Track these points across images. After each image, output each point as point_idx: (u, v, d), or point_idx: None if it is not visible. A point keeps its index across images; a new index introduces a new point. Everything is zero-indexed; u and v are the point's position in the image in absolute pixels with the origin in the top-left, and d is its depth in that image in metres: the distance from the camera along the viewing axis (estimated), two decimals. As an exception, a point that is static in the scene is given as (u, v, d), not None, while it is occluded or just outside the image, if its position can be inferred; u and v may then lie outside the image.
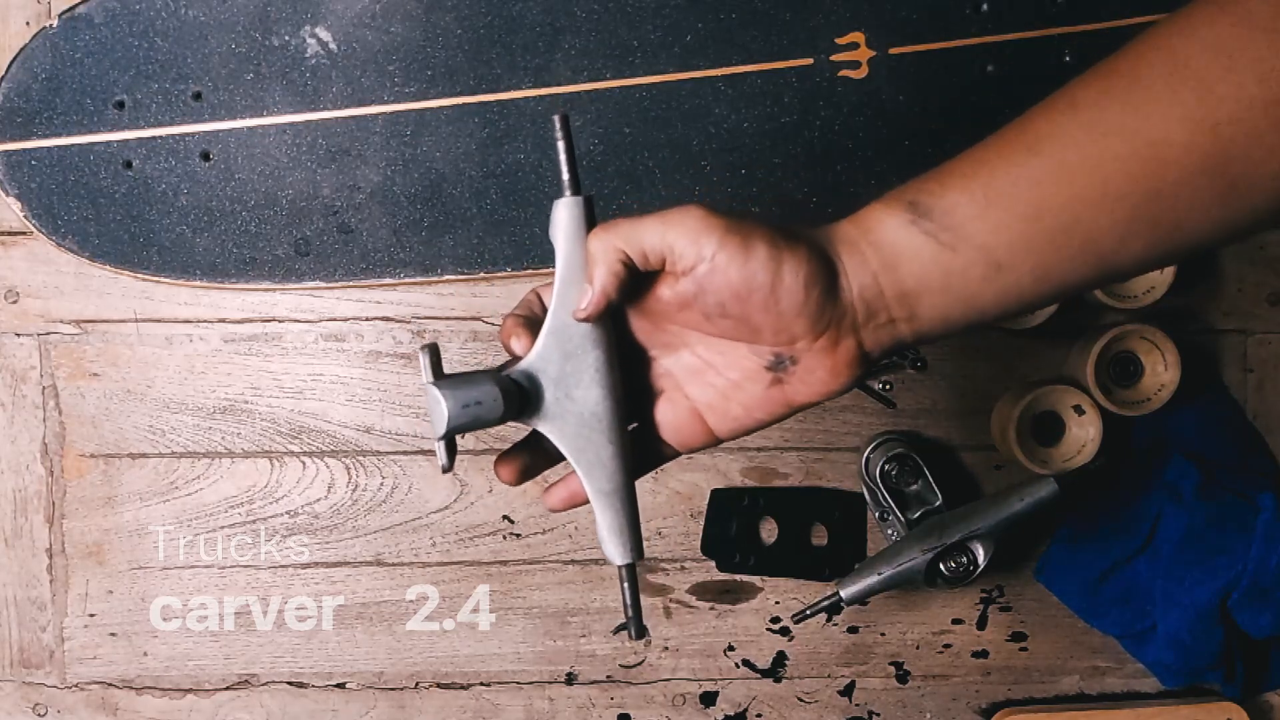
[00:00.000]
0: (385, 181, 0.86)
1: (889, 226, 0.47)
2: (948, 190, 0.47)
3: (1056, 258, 0.46)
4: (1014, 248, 0.46)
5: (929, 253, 0.47)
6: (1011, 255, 0.46)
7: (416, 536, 0.91)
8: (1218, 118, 0.43)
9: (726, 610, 0.91)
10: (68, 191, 0.86)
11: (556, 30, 0.85)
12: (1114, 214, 0.45)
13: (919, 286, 0.48)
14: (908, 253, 0.47)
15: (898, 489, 0.86)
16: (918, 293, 0.48)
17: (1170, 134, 0.44)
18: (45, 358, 0.89)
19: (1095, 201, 0.45)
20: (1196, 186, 0.45)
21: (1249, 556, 0.84)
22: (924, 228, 0.47)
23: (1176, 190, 0.45)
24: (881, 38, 0.85)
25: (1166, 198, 0.45)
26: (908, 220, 0.47)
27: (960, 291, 0.47)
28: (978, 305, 0.48)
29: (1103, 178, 0.45)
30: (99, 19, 0.85)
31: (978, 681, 0.92)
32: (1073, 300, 0.84)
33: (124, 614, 0.91)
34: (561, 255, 0.50)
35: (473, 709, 0.92)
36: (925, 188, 0.47)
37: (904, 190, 0.48)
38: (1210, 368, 0.90)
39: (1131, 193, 0.45)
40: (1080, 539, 0.89)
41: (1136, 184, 0.45)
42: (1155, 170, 0.45)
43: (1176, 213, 0.45)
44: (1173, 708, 0.89)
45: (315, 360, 0.90)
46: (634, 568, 0.53)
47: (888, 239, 0.47)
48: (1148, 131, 0.44)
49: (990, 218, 0.46)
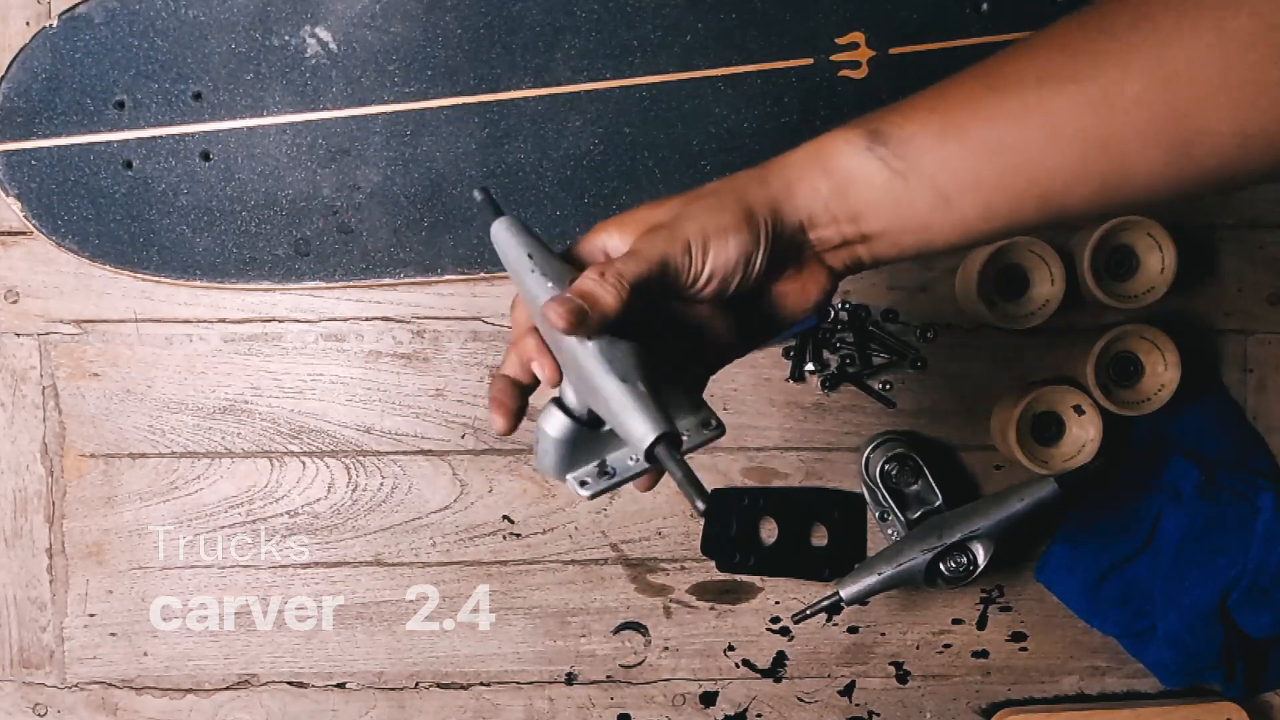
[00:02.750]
0: (385, 181, 0.86)
1: (845, 152, 0.49)
2: (908, 121, 0.49)
3: (1003, 195, 0.48)
4: (963, 182, 0.48)
5: (881, 179, 0.49)
6: (960, 189, 0.48)
7: (416, 536, 0.91)
8: (1173, 73, 0.44)
9: (726, 610, 0.91)
10: (68, 191, 0.86)
11: (556, 30, 0.85)
12: (1063, 157, 0.46)
13: (869, 211, 0.49)
14: (860, 177, 0.49)
15: (898, 489, 0.86)
16: (868, 217, 0.50)
17: (1126, 85, 0.45)
18: (45, 358, 0.89)
19: (1045, 143, 0.46)
20: (1146, 139, 0.45)
21: (1249, 556, 0.84)
22: (879, 154, 0.48)
23: (1125, 140, 0.45)
24: (881, 38, 0.85)
25: (1115, 146, 0.46)
26: (864, 146, 0.49)
27: (909, 220, 0.49)
28: (927, 236, 0.50)
29: (1055, 121, 0.46)
30: (99, 19, 0.85)
31: (978, 681, 0.92)
32: (1073, 300, 0.84)
33: (124, 614, 0.91)
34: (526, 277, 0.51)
35: (473, 709, 0.92)
36: (888, 118, 0.49)
37: (869, 117, 0.50)
38: (1210, 368, 0.90)
39: (1081, 137, 0.46)
40: (1080, 539, 0.89)
41: (1087, 130, 0.46)
42: (1106, 118, 0.45)
43: (1125, 163, 0.46)
44: (1173, 708, 0.89)
45: (315, 360, 0.90)
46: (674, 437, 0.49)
47: (842, 164, 0.49)
48: (1104, 80, 0.45)
49: (943, 150, 0.48)
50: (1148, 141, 0.45)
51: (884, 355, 0.89)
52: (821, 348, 0.89)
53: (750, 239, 0.49)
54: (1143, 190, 0.47)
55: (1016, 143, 0.47)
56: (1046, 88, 0.46)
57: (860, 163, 0.49)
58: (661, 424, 0.48)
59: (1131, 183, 0.47)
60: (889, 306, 0.89)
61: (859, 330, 0.89)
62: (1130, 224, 0.83)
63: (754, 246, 0.49)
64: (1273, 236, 0.89)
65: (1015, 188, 0.47)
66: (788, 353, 0.89)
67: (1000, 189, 0.48)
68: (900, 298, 0.89)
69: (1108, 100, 0.45)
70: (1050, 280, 0.84)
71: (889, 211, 0.49)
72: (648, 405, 0.48)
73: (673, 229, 0.49)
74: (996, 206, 0.48)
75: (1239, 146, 0.44)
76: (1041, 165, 0.47)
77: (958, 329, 0.90)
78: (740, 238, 0.49)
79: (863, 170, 0.49)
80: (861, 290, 0.89)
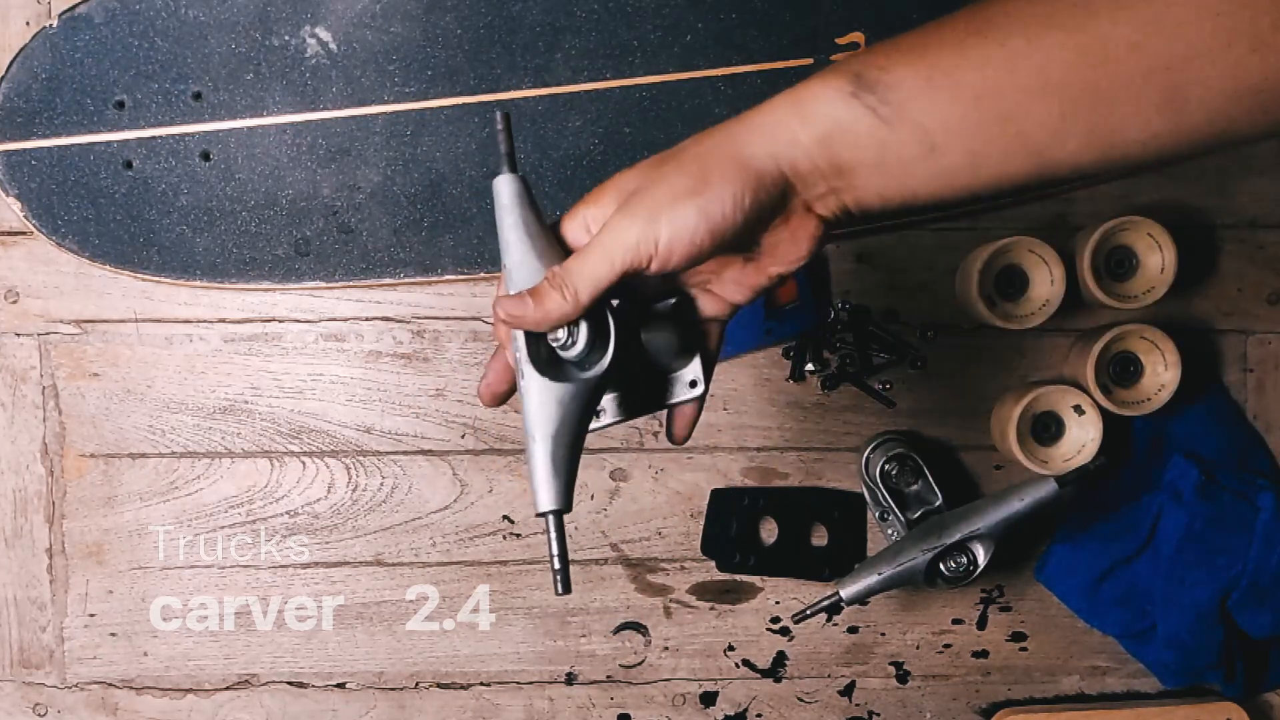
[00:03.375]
0: (385, 181, 0.86)
1: (827, 99, 0.48)
2: (894, 65, 0.47)
3: (990, 145, 0.47)
4: (950, 130, 0.47)
5: (865, 125, 0.47)
6: (948, 137, 0.47)
7: (416, 536, 0.91)
8: (1167, 22, 0.43)
9: (726, 610, 0.91)
10: (68, 191, 0.86)
11: (556, 30, 0.85)
12: (1050, 105, 0.45)
13: (854, 159, 0.48)
14: (844, 124, 0.48)
15: (898, 489, 0.86)
16: (853, 165, 0.49)
17: (1118, 31, 0.44)
18: (45, 358, 0.89)
19: (1034, 90, 0.45)
20: (1137, 89, 0.44)
21: (1249, 556, 0.84)
22: (865, 101, 0.47)
23: (1115, 89, 0.45)
24: (881, 38, 0.84)
25: (1104, 95, 0.45)
26: (849, 93, 0.48)
27: (895, 168, 0.48)
28: (912, 184, 0.49)
29: (1044, 67, 0.45)
30: (99, 19, 0.85)
31: (978, 681, 0.92)
32: (1073, 300, 0.84)
33: (124, 614, 0.91)
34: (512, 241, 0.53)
35: (473, 709, 0.92)
36: (873, 61, 0.48)
37: (851, 60, 0.49)
38: (1210, 368, 0.90)
39: (1070, 85, 0.45)
40: (1080, 539, 0.89)
41: (1076, 76, 0.45)
42: (1097, 66, 0.44)
43: (1114, 114, 0.45)
44: (1173, 708, 0.89)
45: (315, 360, 0.90)
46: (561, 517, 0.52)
47: (825, 111, 0.48)
48: (1095, 26, 0.44)
49: (931, 96, 0.47)
50: (1138, 91, 0.44)
51: (884, 355, 0.89)
52: (821, 348, 0.89)
53: (714, 200, 0.48)
54: (1133, 144, 0.46)
55: (1005, 90, 0.46)
56: (1037, 35, 0.45)
57: (844, 110, 0.48)
58: (557, 501, 0.51)
59: (1121, 135, 0.46)
60: (889, 306, 0.89)
61: (859, 330, 0.89)
62: (1130, 224, 0.83)
63: (720, 207, 0.48)
64: (1273, 236, 0.89)
65: (1003, 137, 0.46)
66: (788, 353, 0.89)
67: (988, 137, 0.47)
68: (900, 298, 0.89)
69: (1099, 48, 0.44)
70: (1050, 280, 0.84)
71: (874, 158, 0.48)
72: (556, 474, 0.51)
73: (632, 208, 0.49)
74: (984, 156, 0.47)
75: (1229, 99, 0.44)
76: (1030, 114, 0.46)
77: (958, 329, 0.90)
78: (698, 201, 0.48)
79: (847, 117, 0.48)
80: (861, 290, 0.89)
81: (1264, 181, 0.89)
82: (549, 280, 0.51)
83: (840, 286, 0.89)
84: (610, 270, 0.49)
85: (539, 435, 0.51)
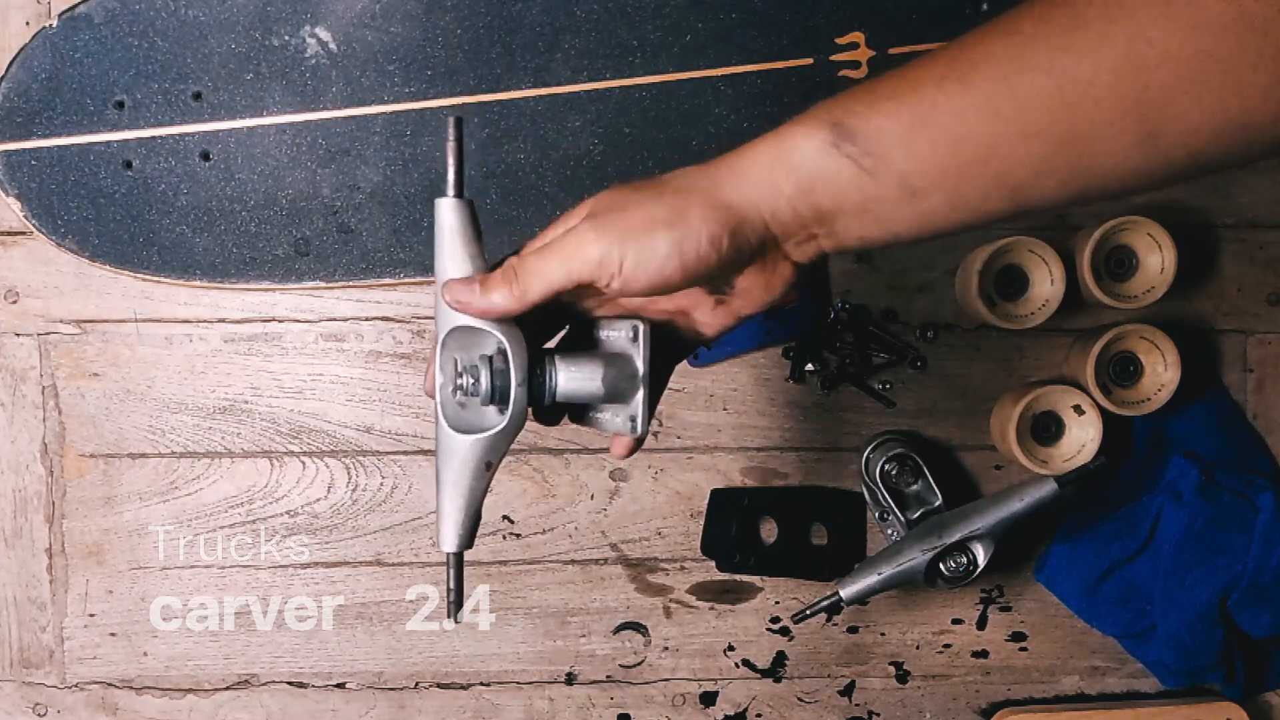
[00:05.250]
0: (385, 181, 0.86)
1: (808, 150, 0.48)
2: (875, 113, 0.47)
3: (971, 187, 0.47)
4: (930, 175, 0.47)
5: (847, 175, 0.48)
6: (927, 182, 0.47)
7: (416, 536, 0.91)
8: (1145, 61, 0.43)
9: (726, 610, 0.91)
10: (68, 191, 0.86)
11: (556, 30, 0.85)
12: (1031, 149, 0.46)
13: (836, 208, 0.49)
14: (826, 175, 0.48)
15: (898, 489, 0.86)
16: (835, 214, 0.49)
17: (1097, 74, 0.44)
18: (45, 358, 0.89)
19: (1014, 136, 0.45)
20: (1116, 130, 0.44)
21: (1249, 556, 0.84)
22: (846, 151, 0.47)
23: (1094, 129, 0.45)
24: (881, 38, 0.85)
25: (1084, 138, 0.45)
26: (829, 143, 0.47)
27: (876, 213, 0.48)
28: (893, 227, 0.49)
29: (1024, 112, 0.45)
30: (99, 19, 0.85)
31: (978, 681, 0.92)
32: (1073, 300, 0.84)
33: (124, 614, 0.91)
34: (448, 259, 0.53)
35: (473, 709, 0.92)
36: (853, 108, 0.48)
37: (830, 107, 0.48)
38: (1210, 368, 0.90)
39: (1051, 130, 0.45)
40: (1080, 539, 0.89)
41: (1055, 119, 0.45)
42: (1077, 109, 0.44)
43: (1093, 154, 0.45)
44: (1173, 708, 0.89)
45: (315, 360, 0.90)
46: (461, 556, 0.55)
47: (807, 162, 0.48)
48: (1075, 70, 0.44)
49: (911, 145, 0.47)
50: (1117, 131, 0.44)
51: (884, 355, 0.89)
52: (821, 348, 0.89)
53: (691, 237, 0.48)
54: (1112, 179, 0.46)
55: (985, 135, 0.46)
56: (1014, 78, 0.45)
57: (826, 161, 0.48)
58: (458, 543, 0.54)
59: (1101, 171, 0.46)
60: (889, 306, 0.89)
61: (859, 330, 0.89)
62: (1130, 224, 0.83)
63: (696, 246, 0.48)
64: (1273, 236, 0.89)
65: (983, 179, 0.47)
66: (788, 353, 0.89)
67: (968, 181, 0.47)
68: (900, 298, 0.89)
69: (1077, 91, 0.44)
70: (1050, 280, 0.84)
71: (856, 206, 0.48)
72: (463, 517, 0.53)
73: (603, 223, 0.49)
74: (964, 198, 0.47)
75: (1210, 135, 0.44)
76: (1010, 157, 0.46)
77: (958, 329, 0.90)
78: (674, 234, 0.48)
79: (829, 168, 0.48)
80: (861, 290, 0.89)
81: (1264, 181, 0.89)
82: (501, 271, 0.51)
83: (840, 286, 0.89)
84: (565, 276, 0.49)
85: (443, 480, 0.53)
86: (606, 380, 0.53)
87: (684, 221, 0.48)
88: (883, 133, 0.47)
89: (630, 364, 0.53)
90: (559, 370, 0.53)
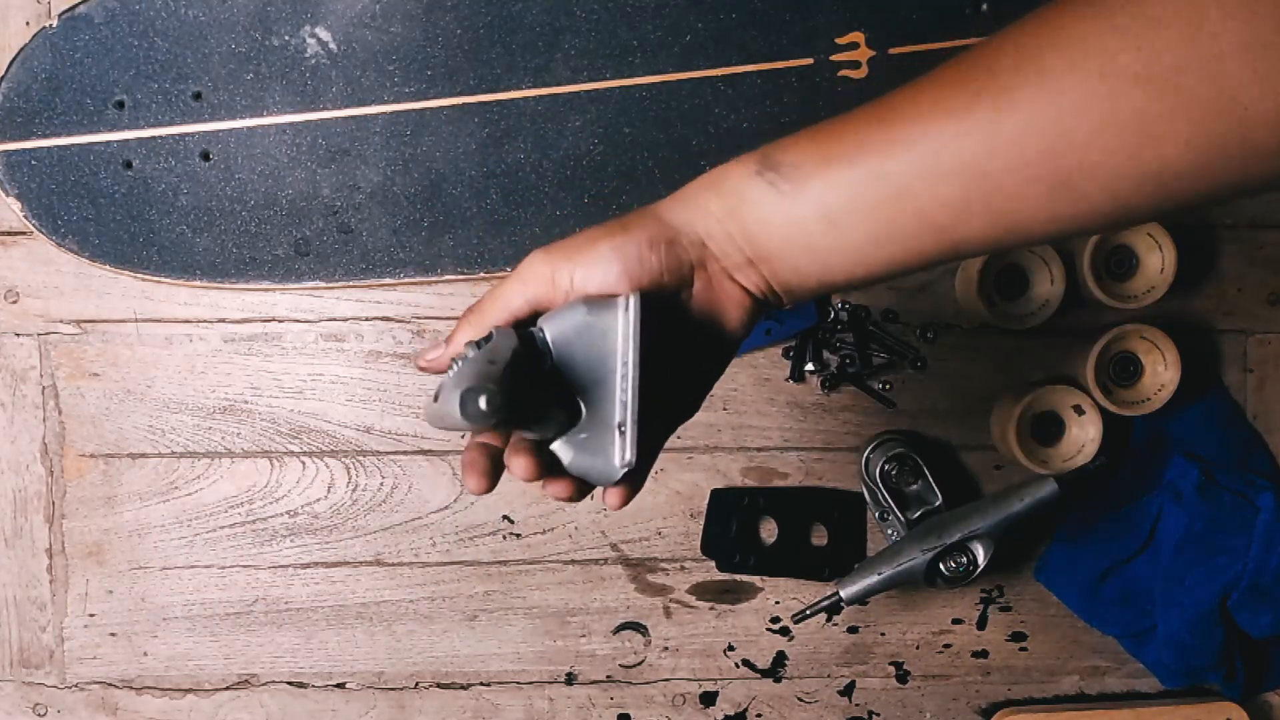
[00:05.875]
0: (385, 181, 0.86)
1: (736, 175, 0.51)
2: (795, 149, 0.50)
3: (893, 224, 0.48)
4: (849, 207, 0.48)
5: (770, 199, 0.50)
6: (847, 214, 0.48)
7: (416, 536, 0.91)
8: (1054, 113, 0.44)
9: (726, 610, 0.91)
10: (68, 191, 0.86)
11: (556, 30, 0.85)
12: (946, 189, 0.47)
13: (763, 233, 0.50)
14: (751, 198, 0.50)
15: (898, 489, 0.87)
16: (763, 239, 0.50)
17: (1003, 121, 0.45)
18: (45, 358, 0.89)
19: (928, 174, 0.47)
20: (1027, 176, 0.45)
21: (1249, 556, 0.84)
22: (768, 177, 0.50)
23: (1005, 175, 0.45)
24: (881, 38, 0.85)
25: (996, 181, 0.46)
26: (754, 170, 0.50)
27: (803, 242, 0.50)
28: (822, 258, 0.50)
29: (936, 153, 0.46)
30: (99, 19, 0.85)
31: (978, 681, 0.92)
32: (1073, 300, 0.84)
33: (124, 614, 0.91)
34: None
35: (473, 709, 0.92)
36: (781, 144, 0.50)
37: (764, 147, 0.51)
38: (1210, 368, 0.90)
39: (961, 172, 0.46)
40: (1080, 539, 0.89)
41: (968, 165, 0.46)
42: (986, 155, 0.45)
43: (1010, 197, 0.46)
44: (1173, 708, 0.89)
45: (315, 360, 0.90)
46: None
47: (733, 186, 0.51)
48: (982, 114, 0.45)
49: (827, 176, 0.48)
50: (1029, 177, 0.45)
51: (884, 355, 0.89)
52: (821, 348, 0.89)
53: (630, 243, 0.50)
54: (1035, 225, 0.47)
55: (900, 172, 0.47)
56: (928, 121, 0.46)
57: (750, 185, 0.50)
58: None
59: (1021, 216, 0.46)
60: (889, 306, 0.89)
61: (859, 330, 0.89)
62: (1130, 224, 0.83)
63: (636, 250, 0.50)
64: (1273, 236, 0.89)
65: (903, 216, 0.48)
66: (788, 353, 0.89)
67: (888, 217, 0.48)
68: (900, 298, 0.89)
69: (984, 137, 0.45)
70: (1050, 280, 0.84)
71: (780, 231, 0.50)
72: None
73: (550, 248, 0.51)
74: (887, 234, 0.48)
75: (1128, 183, 0.44)
76: (928, 196, 0.47)
77: (958, 329, 0.90)
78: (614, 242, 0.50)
79: (753, 192, 0.50)
80: (861, 290, 0.89)
81: (1264, 181, 0.89)
82: (462, 315, 0.53)
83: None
84: (522, 297, 0.51)
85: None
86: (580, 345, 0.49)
87: (623, 232, 0.50)
88: (802, 163, 0.49)
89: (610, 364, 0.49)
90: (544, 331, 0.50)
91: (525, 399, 0.47)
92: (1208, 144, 0.42)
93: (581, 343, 0.49)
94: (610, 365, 0.49)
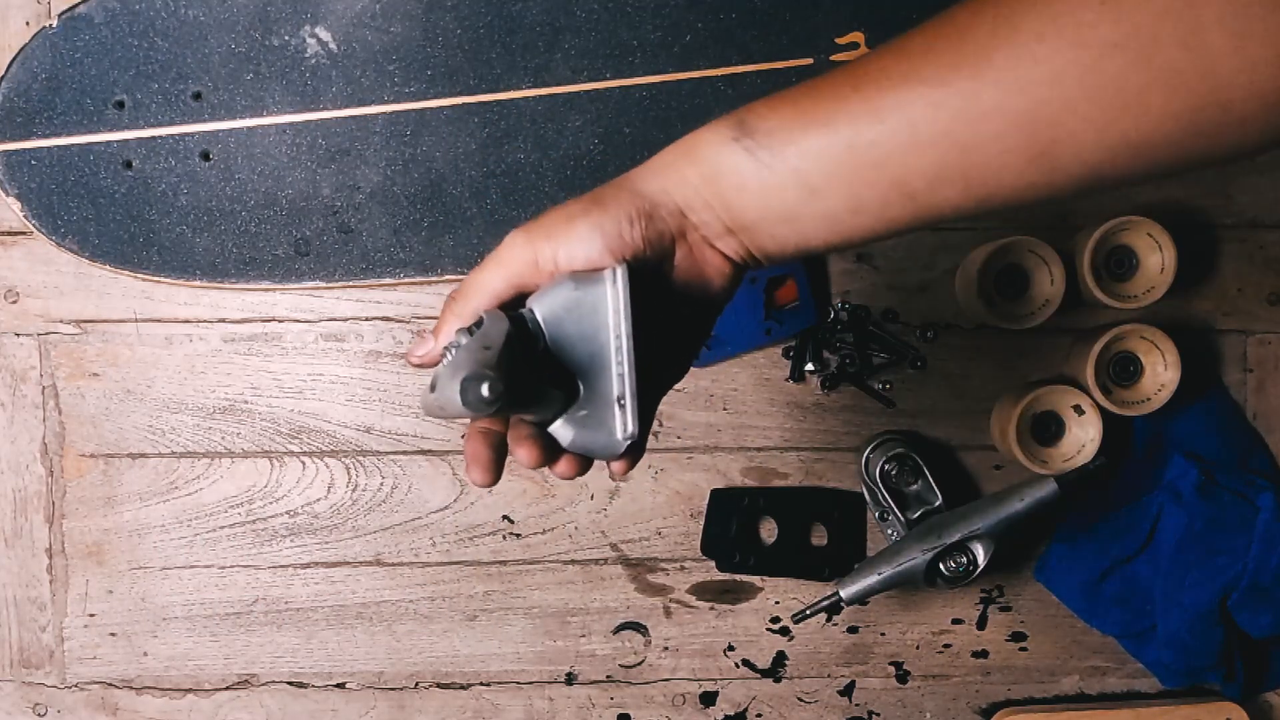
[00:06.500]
0: (385, 181, 0.86)
1: (711, 142, 0.50)
2: (773, 113, 0.49)
3: (868, 190, 0.48)
4: (827, 174, 0.48)
5: (747, 167, 0.49)
6: (825, 181, 0.48)
7: (416, 536, 0.91)
8: (1031, 80, 0.43)
9: (726, 610, 0.91)
10: (68, 191, 0.86)
11: (556, 30, 0.85)
12: (924, 157, 0.46)
13: (740, 200, 0.50)
14: (727, 166, 0.49)
15: (898, 489, 0.87)
16: (740, 206, 0.50)
17: (981, 90, 0.44)
18: (45, 358, 0.89)
19: (905, 143, 0.46)
20: (1005, 145, 0.45)
21: (1249, 556, 0.84)
22: (744, 144, 0.49)
23: (982, 144, 0.45)
24: (881, 37, 0.85)
25: (974, 150, 0.45)
26: (730, 137, 0.49)
27: (779, 210, 0.49)
28: (800, 227, 0.50)
29: (913, 122, 0.46)
30: (99, 19, 0.85)
31: (978, 681, 0.92)
32: (1073, 300, 0.84)
33: (124, 614, 0.91)
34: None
35: (473, 709, 0.92)
36: (755, 109, 0.50)
37: (738, 111, 0.50)
38: (1210, 368, 0.90)
39: (940, 140, 0.46)
40: (1080, 539, 0.89)
41: (945, 133, 0.45)
42: (963, 124, 0.45)
43: (986, 166, 0.46)
44: (1173, 708, 0.89)
45: (315, 360, 0.90)
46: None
47: (709, 153, 0.50)
48: (959, 83, 0.45)
49: (804, 143, 0.48)
50: (1007, 146, 0.45)
51: (884, 355, 0.89)
52: (821, 348, 0.89)
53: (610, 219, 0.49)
54: (1010, 192, 0.47)
55: (877, 139, 0.47)
56: (905, 89, 0.46)
57: (726, 153, 0.49)
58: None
59: (997, 184, 0.46)
60: (889, 306, 0.89)
61: (859, 330, 0.89)
62: (1130, 224, 0.83)
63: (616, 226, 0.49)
64: (1273, 236, 0.89)
65: (880, 183, 0.47)
66: (788, 353, 0.89)
67: (865, 183, 0.47)
68: (900, 298, 0.89)
69: (963, 106, 0.45)
70: (1050, 280, 0.84)
71: (757, 199, 0.49)
72: None
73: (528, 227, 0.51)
74: (864, 200, 0.48)
75: (1106, 152, 0.44)
76: (904, 164, 0.47)
77: (958, 329, 0.90)
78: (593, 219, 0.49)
79: (729, 160, 0.49)
80: (861, 290, 0.89)
81: (1264, 181, 0.89)
82: (444, 304, 0.52)
83: (840, 286, 0.89)
84: (504, 281, 0.50)
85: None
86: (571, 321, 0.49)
87: (600, 208, 0.50)
88: (778, 129, 0.48)
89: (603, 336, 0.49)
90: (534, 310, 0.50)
91: (524, 381, 0.46)
92: (1186, 114, 0.42)
93: (572, 319, 0.49)
94: (602, 339, 0.49)
